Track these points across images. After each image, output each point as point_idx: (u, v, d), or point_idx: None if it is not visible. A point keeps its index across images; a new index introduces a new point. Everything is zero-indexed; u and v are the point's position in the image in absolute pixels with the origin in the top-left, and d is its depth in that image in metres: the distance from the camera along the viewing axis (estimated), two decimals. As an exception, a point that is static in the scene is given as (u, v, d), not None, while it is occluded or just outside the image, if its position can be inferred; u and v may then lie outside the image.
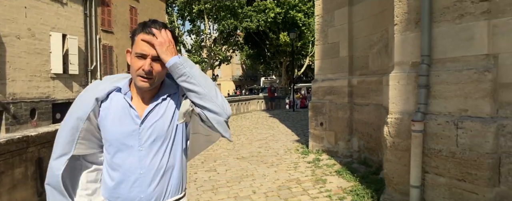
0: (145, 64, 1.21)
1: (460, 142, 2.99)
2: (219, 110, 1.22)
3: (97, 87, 1.36)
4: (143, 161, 1.29)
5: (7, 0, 11.59)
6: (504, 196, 2.78)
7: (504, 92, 2.80)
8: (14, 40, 11.81)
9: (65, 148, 1.28)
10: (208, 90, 1.21)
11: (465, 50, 2.99)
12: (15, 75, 11.88)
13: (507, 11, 2.75)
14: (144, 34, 1.23)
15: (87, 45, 14.79)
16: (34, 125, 12.36)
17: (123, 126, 1.29)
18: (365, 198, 3.94)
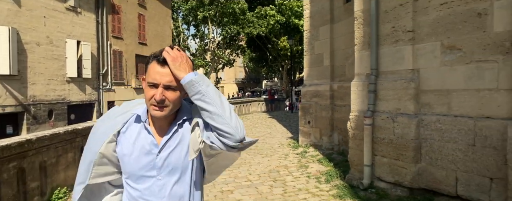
0: (157, 93, 1.21)
1: (395, 132, 4.24)
2: (232, 131, 1.19)
3: (115, 115, 1.38)
4: (163, 190, 1.29)
5: (28, 11, 12.94)
6: (423, 170, 4.02)
7: (423, 96, 4.05)
8: (34, 47, 13.15)
9: (82, 177, 1.31)
10: (222, 111, 1.19)
11: (399, 66, 4.24)
12: (35, 79, 13.21)
13: (424, 39, 4.00)
14: (156, 63, 1.23)
15: (99, 51, 16.14)
16: (51, 125, 13.70)
17: (141, 156, 1.29)
18: (334, 177, 5.19)
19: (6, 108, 12.08)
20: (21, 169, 3.96)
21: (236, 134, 1.20)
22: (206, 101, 1.19)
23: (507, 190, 3.19)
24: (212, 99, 1.20)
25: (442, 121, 3.79)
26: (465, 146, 3.58)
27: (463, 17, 3.59)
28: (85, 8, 15.50)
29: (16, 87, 12.35)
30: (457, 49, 3.67)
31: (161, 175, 1.29)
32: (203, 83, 1.20)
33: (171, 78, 1.22)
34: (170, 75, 1.22)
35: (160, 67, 1.22)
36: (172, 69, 1.20)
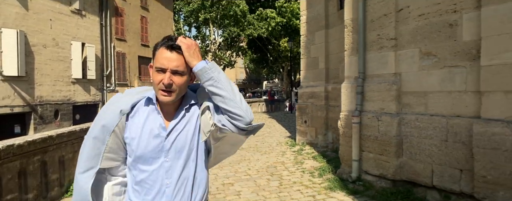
0: (165, 78, 1.26)
1: (380, 130, 4.72)
2: (243, 114, 1.27)
3: (121, 100, 1.39)
4: (169, 172, 1.33)
5: (36, 14, 13.45)
6: (404, 163, 4.50)
7: (404, 97, 4.53)
8: (41, 49, 13.67)
9: (92, 162, 1.31)
10: (233, 96, 1.27)
11: (383, 70, 4.73)
12: (42, 80, 13.72)
13: (405, 46, 4.49)
14: (164, 49, 1.28)
15: (103, 53, 16.67)
16: (57, 125, 14.21)
17: (149, 140, 1.32)
18: (327, 171, 5.67)
19: (15, 108, 12.59)
20: (44, 162, 4.45)
21: (247, 117, 1.29)
22: (219, 86, 1.27)
23: (473, 180, 3.67)
24: (224, 84, 1.27)
25: (420, 119, 4.27)
26: (439, 142, 4.06)
27: (438, 27, 4.08)
28: (90, 11, 16.02)
29: (24, 88, 12.86)
30: (433, 55, 4.15)
31: (168, 157, 1.33)
32: (215, 70, 1.27)
33: (178, 63, 1.27)
34: (177, 60, 1.27)
35: (168, 52, 1.27)
36: (186, 56, 1.26)
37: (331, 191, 4.82)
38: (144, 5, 19.47)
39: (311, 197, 4.58)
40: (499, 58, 3.40)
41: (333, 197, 4.56)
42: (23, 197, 4.09)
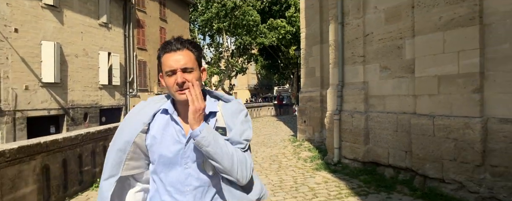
0: (177, 77, 1.33)
1: (353, 124, 6.38)
2: (235, 180, 1.34)
3: (143, 109, 1.48)
4: (189, 179, 1.39)
5: (69, 27, 15.54)
6: (370, 149, 6.15)
7: (370, 99, 6.19)
8: (73, 58, 15.73)
9: (113, 169, 1.40)
10: (228, 166, 1.31)
11: (355, 79, 6.41)
12: (74, 86, 15.76)
13: (370, 61, 6.16)
14: (167, 53, 1.37)
15: (126, 61, 18.70)
16: (86, 126, 16.19)
17: (169, 146, 1.39)
18: (317, 158, 7.34)
19: (51, 111, 14.62)
20: (105, 146, 6.24)
21: (240, 182, 1.35)
22: (212, 158, 1.30)
23: (412, 158, 5.29)
24: (218, 157, 1.29)
25: (380, 116, 5.93)
26: (392, 132, 5.71)
27: (390, 48, 5.75)
28: (115, 23, 18.10)
29: (58, 93, 14.89)
30: (388, 68, 5.82)
31: (187, 164, 1.38)
32: (209, 143, 1.28)
33: (185, 61, 1.35)
34: (183, 59, 1.35)
35: (172, 55, 1.35)
36: (190, 118, 1.30)
37: (317, 170, 6.49)
38: (162, 17, 21.54)
39: (301, 174, 6.26)
40: (425, 72, 5.05)
41: (317, 174, 6.23)
42: (92, 170, 5.90)
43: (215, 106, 1.45)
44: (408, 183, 5.25)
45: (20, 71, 13.09)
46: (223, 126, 1.41)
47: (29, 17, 13.56)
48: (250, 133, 1.44)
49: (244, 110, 1.49)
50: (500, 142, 4.23)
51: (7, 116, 12.63)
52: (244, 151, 1.39)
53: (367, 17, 6.17)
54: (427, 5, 4.99)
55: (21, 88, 13.15)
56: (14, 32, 12.90)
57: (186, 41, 1.40)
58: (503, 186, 4.21)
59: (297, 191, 5.23)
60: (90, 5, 16.57)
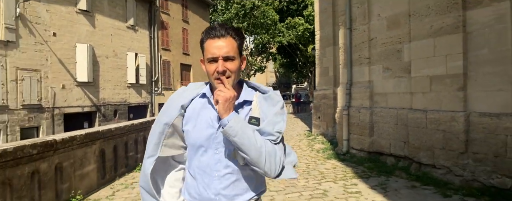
0: (219, 65, 1.35)
1: (360, 119, 7.26)
2: (263, 172, 1.35)
3: (182, 94, 1.53)
4: (219, 164, 1.42)
5: (100, 30, 16.91)
6: (374, 140, 7.01)
7: (374, 97, 7.05)
8: (104, 59, 17.10)
9: (153, 150, 1.48)
10: (255, 157, 1.32)
11: (362, 78, 7.28)
12: (105, 85, 17.13)
13: (374, 63, 7.02)
14: (211, 39, 1.39)
15: (152, 61, 20.01)
16: (116, 122, 17.55)
17: (202, 130, 1.43)
18: (328, 150, 8.25)
19: (85, 108, 16.02)
20: (125, 143, 7.34)
21: (268, 175, 1.36)
22: (240, 148, 1.33)
23: (409, 147, 6.14)
24: (245, 147, 1.31)
25: (383, 111, 6.79)
26: (393, 125, 6.56)
27: (391, 51, 6.60)
28: (141, 26, 19.42)
29: (91, 91, 16.28)
30: (389, 69, 6.67)
31: (218, 150, 1.42)
32: (237, 133, 1.30)
33: (227, 49, 1.37)
34: (226, 46, 1.37)
35: (216, 41, 1.38)
36: (220, 108, 1.32)
37: (327, 159, 7.41)
38: (185, 18, 22.77)
39: (313, 162, 7.20)
40: (420, 73, 5.89)
41: (328, 162, 7.15)
42: (135, 155, 7.02)
43: (251, 96, 1.47)
44: (406, 169, 6.10)
45: (57, 71, 14.51)
46: (257, 116, 1.41)
47: (65, 21, 14.95)
48: (283, 125, 1.43)
49: (280, 101, 1.48)
50: (480, 133, 5.05)
51: (47, 112, 14.07)
52: (275, 143, 1.38)
53: (371, 23, 7.03)
54: (421, 14, 5.83)
55: (59, 87, 14.56)
56: (52, 36, 14.32)
57: (230, 28, 1.41)
58: (483, 170, 5.03)
59: (309, 174, 6.19)
60: (118, 9, 17.92)
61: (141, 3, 19.34)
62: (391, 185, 5.37)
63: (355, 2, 7.39)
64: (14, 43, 12.65)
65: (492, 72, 4.92)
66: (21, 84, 12.88)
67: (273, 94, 1.48)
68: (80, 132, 5.06)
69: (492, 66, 4.91)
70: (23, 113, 12.98)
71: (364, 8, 7.13)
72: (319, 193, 5.06)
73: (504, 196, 4.54)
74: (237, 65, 1.41)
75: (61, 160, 4.49)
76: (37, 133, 13.82)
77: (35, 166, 4.02)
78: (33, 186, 4.01)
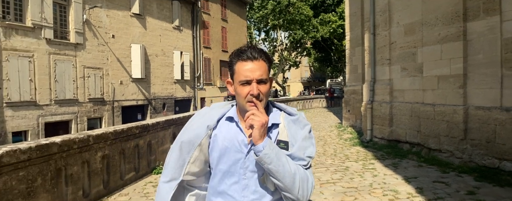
0: (253, 89, 1.33)
1: (381, 111, 8.60)
2: (295, 198, 1.31)
3: (207, 114, 1.50)
4: (246, 190, 1.39)
5: (151, 32, 19.01)
6: (393, 130, 8.33)
7: (394, 92, 8.35)
8: (154, 57, 19.22)
9: (175, 172, 1.42)
10: (289, 185, 1.29)
11: (383, 77, 8.59)
12: (155, 80, 19.27)
13: (394, 64, 8.31)
14: (243, 61, 1.37)
15: (194, 58, 21.99)
16: (165, 114, 19.68)
17: (230, 154, 1.40)
18: (355, 139, 9.63)
19: (138, 101, 18.23)
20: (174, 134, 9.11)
21: (300, 200, 1.32)
22: (273, 176, 1.29)
23: (421, 135, 7.43)
24: (280, 175, 1.28)
25: (400, 105, 8.08)
26: (408, 117, 7.85)
27: (408, 54, 7.86)
28: (185, 26, 21.41)
29: (144, 87, 18.45)
30: (406, 69, 7.94)
31: (246, 175, 1.39)
32: (271, 160, 1.27)
33: (261, 72, 1.36)
34: (259, 69, 1.36)
35: (249, 64, 1.36)
36: (255, 133, 1.28)
37: (353, 146, 8.81)
38: (224, 17, 24.56)
39: (340, 148, 8.64)
40: (430, 73, 7.14)
41: (353, 148, 8.56)
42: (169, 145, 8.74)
43: (278, 118, 1.45)
44: (418, 154, 7.40)
45: (116, 69, 16.74)
46: (285, 140, 1.38)
47: (122, 24, 17.14)
48: (314, 150, 1.43)
49: (308, 125, 1.48)
50: (476, 123, 6.28)
51: (108, 105, 16.35)
52: (306, 169, 1.37)
53: (392, 29, 8.31)
54: (431, 24, 7.07)
55: (117, 83, 16.80)
56: (111, 38, 16.54)
57: (261, 51, 1.41)
58: (477, 153, 6.27)
59: (335, 156, 7.66)
60: (165, 11, 19.97)
61: (185, 4, 21.31)
62: (402, 165, 6.72)
63: (378, 11, 8.68)
64: (82, 45, 14.92)
65: (485, 73, 6.13)
66: (87, 80, 15.17)
67: (301, 117, 1.48)
68: (161, 119, 6.85)
69: (486, 68, 6.11)
70: (89, 105, 15.29)
71: (386, 17, 8.41)
72: (342, 168, 6.53)
73: (491, 173, 5.78)
74: (268, 87, 1.40)
75: (151, 138, 6.28)
76: (100, 123, 16.16)
77: (136, 142, 5.81)
78: (135, 155, 5.81)
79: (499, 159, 5.90)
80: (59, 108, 13.82)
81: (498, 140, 5.90)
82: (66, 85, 14.09)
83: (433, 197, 4.70)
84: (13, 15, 12.22)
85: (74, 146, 4.27)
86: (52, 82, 13.44)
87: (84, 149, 4.49)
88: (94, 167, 4.72)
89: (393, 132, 8.34)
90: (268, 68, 1.41)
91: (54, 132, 12.74)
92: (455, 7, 6.54)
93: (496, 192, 4.92)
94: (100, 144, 4.81)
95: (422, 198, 4.67)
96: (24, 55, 12.40)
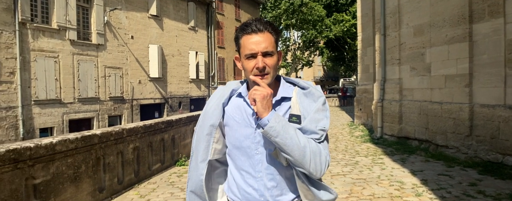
0: (258, 62, 1.32)
1: (391, 109, 8.98)
2: (308, 173, 1.30)
3: (221, 93, 1.52)
4: (260, 165, 1.40)
5: (167, 32, 19.65)
6: (402, 127, 8.70)
7: (403, 91, 8.72)
8: (171, 57, 19.87)
9: (204, 154, 1.46)
10: (299, 158, 1.27)
11: (393, 76, 8.96)
12: (171, 80, 19.92)
13: (403, 63, 8.68)
14: (248, 34, 1.35)
15: (209, 58, 22.58)
16: (180, 112, 20.32)
17: (241, 130, 1.42)
18: (366, 136, 10.01)
19: (156, 100, 18.90)
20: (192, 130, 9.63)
21: (314, 175, 1.31)
22: (282, 149, 1.28)
23: (429, 132, 7.79)
24: (288, 148, 1.26)
25: (409, 103, 8.44)
26: (417, 115, 8.21)
27: (417, 54, 8.22)
28: (200, 27, 22.01)
29: (161, 86, 19.11)
30: (415, 69, 8.30)
31: (258, 150, 1.39)
32: (279, 132, 1.25)
33: (266, 44, 1.33)
34: (264, 41, 1.33)
35: (253, 36, 1.34)
36: (259, 106, 1.27)
37: (364, 143, 9.21)
38: (237, 17, 25.09)
39: (351, 144, 9.05)
40: (437, 72, 7.50)
41: (363, 144, 8.96)
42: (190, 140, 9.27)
43: (289, 92, 1.44)
44: (426, 150, 7.76)
45: (135, 69, 17.42)
46: (297, 113, 1.37)
47: (140, 26, 17.82)
48: (327, 122, 1.38)
49: (321, 97, 1.43)
50: (481, 120, 6.62)
51: (127, 103, 17.04)
52: (319, 142, 1.33)
53: (401, 31, 8.67)
54: (438, 26, 7.42)
55: (136, 82, 17.49)
56: (131, 39, 17.22)
57: (267, 22, 1.38)
58: (482, 148, 6.61)
59: (346, 151, 8.08)
60: (181, 12, 20.60)
61: (200, 5, 21.92)
62: (410, 160, 7.11)
63: (388, 13, 9.05)
64: (103, 46, 15.63)
65: (490, 72, 6.47)
66: (108, 79, 15.88)
67: (313, 90, 1.44)
68: (182, 115, 7.39)
69: (490, 68, 6.46)
70: (110, 103, 16.00)
71: (396, 18, 8.78)
72: (352, 162, 6.96)
73: (494, 167, 6.13)
74: (276, 60, 1.38)
75: (174, 133, 6.83)
76: (119, 120, 16.88)
77: (162, 136, 6.36)
78: (160, 148, 6.36)
79: (502, 154, 6.24)
80: (82, 106, 14.56)
81: (502, 136, 6.24)
82: (89, 84, 14.83)
83: (436, 188, 5.10)
84: (40, 18, 12.98)
85: (111, 138, 4.83)
86: (75, 81, 14.19)
87: (119, 141, 5.04)
88: (126, 158, 5.27)
89: (402, 129, 8.71)
90: (275, 40, 1.39)
91: (77, 129, 13.47)
92: (462, 9, 6.89)
93: (497, 184, 5.28)
94: (132, 137, 5.36)
95: (426, 188, 5.08)
96: (50, 55, 13.16)
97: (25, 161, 3.50)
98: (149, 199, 4.92)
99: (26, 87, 12.37)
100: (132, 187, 5.37)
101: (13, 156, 3.35)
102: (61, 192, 3.98)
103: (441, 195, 4.74)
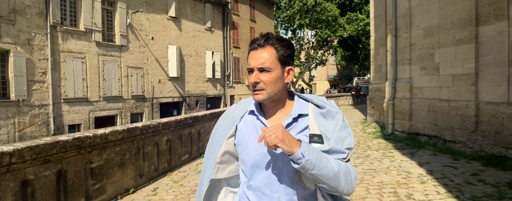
0: (252, 76, 1.33)
1: (402, 107, 9.48)
2: (339, 194, 1.30)
3: (234, 111, 1.52)
4: (277, 184, 1.35)
5: (185, 33, 20.42)
6: (413, 124, 9.20)
7: (413, 90, 9.21)
8: (188, 58, 20.63)
9: (209, 170, 1.45)
10: (334, 186, 1.25)
11: (404, 75, 9.46)
12: (189, 79, 20.69)
13: (414, 63, 9.17)
14: (252, 51, 1.37)
15: (225, 58, 23.28)
16: (197, 110, 21.08)
17: (256, 148, 1.36)
18: (378, 132, 10.52)
19: (174, 99, 19.69)
20: None
21: (345, 195, 1.30)
22: (318, 180, 1.23)
23: (437, 128, 8.28)
24: (324, 178, 1.21)
25: (419, 101, 8.93)
26: (426, 112, 8.70)
27: (426, 55, 8.71)
28: (216, 27, 22.73)
29: (179, 85, 19.89)
30: (425, 68, 8.79)
31: (275, 169, 1.35)
32: (314, 166, 1.19)
33: (263, 60, 1.31)
34: (263, 57, 1.32)
35: (253, 52, 1.35)
36: (284, 148, 1.19)
37: (375, 138, 9.73)
38: (252, 17, 25.73)
39: (364, 140, 9.58)
40: (445, 72, 7.98)
41: (375, 140, 9.48)
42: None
43: (304, 108, 1.41)
44: (434, 145, 8.25)
45: (155, 68, 18.23)
46: (318, 133, 1.32)
47: (160, 27, 18.62)
48: (352, 140, 1.36)
49: (339, 112, 1.42)
50: (486, 116, 7.10)
51: (148, 101, 17.86)
52: (346, 161, 1.31)
53: (412, 32, 9.16)
54: (447, 28, 7.91)
55: (156, 81, 18.31)
56: (151, 40, 18.04)
57: (273, 38, 1.36)
58: (487, 143, 7.09)
59: (358, 146, 8.63)
60: (198, 13, 21.35)
61: (216, 6, 22.63)
62: (418, 154, 7.62)
63: (399, 15, 9.55)
64: (126, 47, 16.47)
65: (494, 72, 6.94)
66: (130, 79, 16.72)
67: (329, 107, 1.41)
68: (206, 112, 8.07)
69: (495, 68, 6.92)
70: (132, 102, 16.84)
71: (407, 20, 9.27)
72: (363, 156, 7.52)
73: (498, 160, 6.61)
74: (273, 76, 1.34)
75: (200, 128, 7.51)
76: (141, 118, 17.72)
77: (189, 130, 7.04)
78: (188, 141, 7.04)
79: (506, 148, 6.72)
80: (106, 104, 15.42)
81: (505, 131, 6.71)
82: (113, 83, 15.69)
83: (440, 177, 5.63)
84: (69, 21, 13.88)
85: (149, 131, 5.52)
86: (101, 80, 15.06)
87: (155, 133, 5.73)
88: (161, 148, 5.96)
89: (412, 125, 9.20)
90: (280, 55, 1.35)
91: (102, 125, 14.31)
92: (469, 13, 7.37)
93: (498, 175, 5.78)
94: (166, 130, 6.05)
95: (431, 177, 5.62)
96: (78, 56, 14.04)
97: (85, 148, 4.20)
98: (182, 184, 5.60)
99: (57, 86, 13.26)
100: (165, 174, 6.07)
101: (77, 143, 4.05)
102: (111, 175, 4.68)
103: (444, 183, 5.28)
